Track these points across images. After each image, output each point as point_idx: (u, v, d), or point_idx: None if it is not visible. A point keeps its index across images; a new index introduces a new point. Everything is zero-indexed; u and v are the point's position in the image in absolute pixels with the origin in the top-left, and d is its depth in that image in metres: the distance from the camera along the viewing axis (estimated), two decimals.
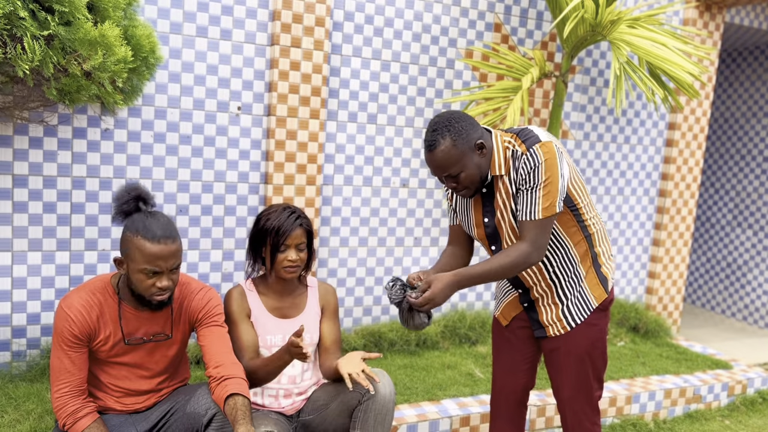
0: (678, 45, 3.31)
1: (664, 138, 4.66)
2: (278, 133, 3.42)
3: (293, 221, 2.34)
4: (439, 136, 2.00)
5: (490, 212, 2.16)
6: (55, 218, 3.07)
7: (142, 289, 2.05)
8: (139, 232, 2.01)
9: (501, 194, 2.10)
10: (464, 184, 2.06)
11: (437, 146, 2.00)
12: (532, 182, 2.01)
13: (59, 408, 2.03)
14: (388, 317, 3.94)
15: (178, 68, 3.23)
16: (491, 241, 2.20)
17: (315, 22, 3.40)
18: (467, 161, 2.02)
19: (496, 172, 2.08)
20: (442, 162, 2.01)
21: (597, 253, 2.20)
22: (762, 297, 5.55)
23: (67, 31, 2.25)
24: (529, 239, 2.02)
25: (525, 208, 2.03)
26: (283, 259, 2.34)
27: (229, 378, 2.09)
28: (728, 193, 5.88)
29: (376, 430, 2.26)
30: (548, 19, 4.11)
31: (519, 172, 2.03)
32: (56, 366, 2.05)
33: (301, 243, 2.36)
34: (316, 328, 2.49)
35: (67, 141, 3.05)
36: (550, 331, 2.24)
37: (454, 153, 2.00)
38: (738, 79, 5.80)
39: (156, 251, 1.99)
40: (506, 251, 2.03)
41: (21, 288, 3.05)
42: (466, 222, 2.26)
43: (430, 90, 3.86)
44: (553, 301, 2.21)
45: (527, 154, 2.01)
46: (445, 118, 2.03)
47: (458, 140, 2.00)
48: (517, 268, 2.02)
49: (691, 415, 3.70)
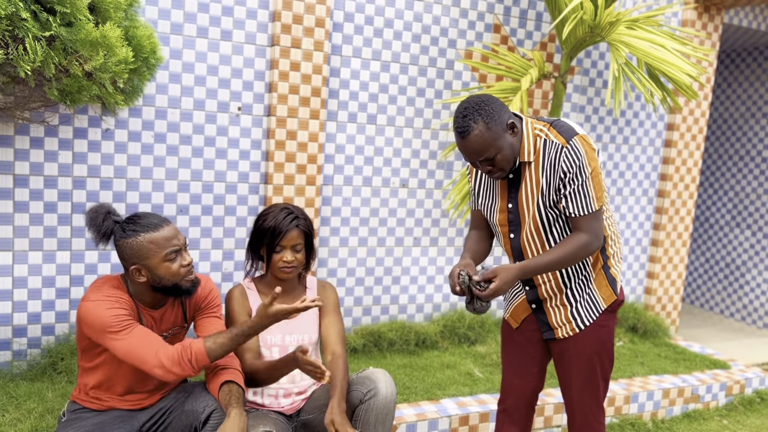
0: (676, 46, 3.32)
1: (663, 139, 4.68)
2: (278, 134, 3.43)
3: (289, 222, 2.34)
4: (471, 121, 1.96)
5: (515, 198, 2.14)
6: (56, 218, 3.08)
7: (173, 277, 2.08)
8: (140, 232, 2.04)
9: (528, 182, 2.09)
10: (500, 166, 2.03)
11: (471, 131, 1.97)
12: (581, 177, 2.01)
13: (170, 356, 1.97)
14: (388, 317, 3.95)
15: (179, 69, 3.25)
16: (511, 228, 2.18)
17: (315, 23, 3.41)
18: (502, 143, 2.00)
19: (524, 158, 2.07)
20: (477, 147, 1.98)
21: (609, 255, 2.21)
22: (760, 297, 5.56)
23: (69, 32, 2.26)
24: (587, 230, 2.05)
25: (579, 204, 2.04)
26: (278, 259, 2.35)
27: (225, 368, 2.15)
28: (727, 193, 5.89)
29: (377, 429, 2.27)
30: (547, 20, 4.12)
31: (561, 165, 2.02)
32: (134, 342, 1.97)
33: (297, 244, 2.36)
34: (315, 326, 2.49)
35: (68, 141, 3.06)
36: (559, 333, 2.24)
37: (489, 136, 1.97)
38: (737, 80, 5.82)
39: (166, 234, 2.06)
40: (567, 242, 2.05)
41: (22, 287, 3.06)
42: (488, 206, 2.24)
43: (429, 90, 3.88)
44: (561, 302, 2.21)
45: (568, 147, 2.01)
46: (474, 102, 1.99)
47: (491, 123, 1.97)
48: (578, 257, 2.05)
49: (690, 414, 3.72)
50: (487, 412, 3.14)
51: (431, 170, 3.95)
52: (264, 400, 2.43)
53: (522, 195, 2.12)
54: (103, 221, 2.07)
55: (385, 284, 3.92)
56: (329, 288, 2.56)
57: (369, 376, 2.31)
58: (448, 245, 4.07)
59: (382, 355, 3.68)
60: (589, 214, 2.05)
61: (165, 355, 1.97)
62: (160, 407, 2.22)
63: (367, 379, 2.30)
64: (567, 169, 2.02)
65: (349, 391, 2.32)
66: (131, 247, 2.05)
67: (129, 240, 2.05)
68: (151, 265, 2.06)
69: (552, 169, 2.04)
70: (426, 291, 4.05)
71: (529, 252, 2.18)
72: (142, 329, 2.01)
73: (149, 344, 1.99)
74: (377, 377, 2.29)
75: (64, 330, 3.16)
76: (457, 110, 2.02)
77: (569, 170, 2.01)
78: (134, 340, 1.98)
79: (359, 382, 2.32)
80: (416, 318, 4.05)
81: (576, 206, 2.05)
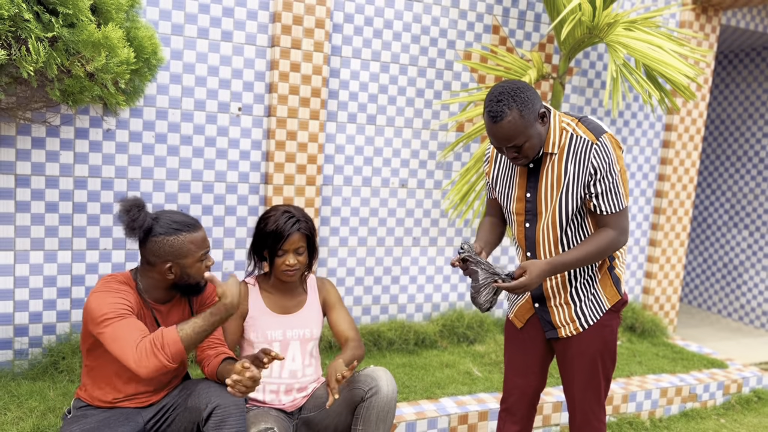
0: (674, 47, 3.34)
1: (661, 139, 4.70)
2: (278, 134, 3.45)
3: (291, 226, 2.36)
4: (505, 106, 1.95)
5: (534, 188, 2.14)
6: (57, 218, 3.10)
7: (200, 277, 2.14)
8: (182, 231, 2.09)
9: (550, 173, 2.10)
10: (526, 153, 2.03)
11: (504, 117, 1.95)
12: (612, 175, 2.04)
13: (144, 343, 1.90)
14: (387, 316, 3.97)
15: (180, 69, 3.26)
16: (528, 217, 2.18)
17: (315, 24, 3.43)
18: (532, 131, 1.99)
19: (549, 149, 2.08)
20: (508, 133, 1.97)
21: (615, 257, 2.22)
22: (758, 297, 5.59)
23: (71, 32, 2.28)
24: (615, 226, 2.08)
25: (611, 202, 2.07)
26: (281, 263, 2.38)
27: (226, 354, 2.24)
28: (724, 194, 5.92)
29: (378, 427, 2.29)
30: (546, 22, 4.14)
31: (591, 162, 2.03)
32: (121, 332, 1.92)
33: (299, 247, 2.38)
34: (317, 323, 2.52)
35: (70, 141, 3.08)
36: (562, 332, 2.24)
37: (521, 124, 1.96)
38: (734, 81, 5.84)
39: (202, 236, 2.13)
40: (595, 238, 2.07)
41: (23, 287, 3.07)
42: (505, 195, 2.24)
43: (429, 91, 3.90)
44: (565, 301, 2.21)
45: (598, 145, 2.03)
46: (509, 88, 1.97)
47: (525, 110, 1.96)
48: (605, 254, 2.09)
49: (687, 413, 3.74)
50: (486, 411, 3.16)
51: (430, 170, 3.97)
52: (265, 396, 2.44)
53: (542, 185, 2.12)
54: (138, 216, 2.06)
55: (384, 284, 3.94)
56: (328, 284, 2.60)
57: (370, 374, 2.32)
58: (447, 245, 4.09)
59: (382, 355, 3.70)
60: (618, 212, 2.09)
61: (140, 347, 1.90)
62: (163, 404, 2.23)
63: (369, 377, 2.32)
64: (597, 167, 2.03)
65: (351, 388, 2.34)
66: (171, 244, 2.07)
67: (170, 238, 2.07)
68: (186, 264, 2.10)
69: (581, 165, 2.05)
70: (425, 290, 4.07)
71: (542, 242, 2.17)
72: (133, 320, 1.97)
73: (133, 333, 1.92)
74: (378, 375, 2.31)
75: (65, 329, 3.18)
76: (491, 93, 1.99)
77: (600, 168, 2.03)
78: (120, 329, 1.93)
79: (361, 380, 2.33)
80: (415, 317, 4.06)
81: (607, 205, 2.08)
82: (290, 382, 2.46)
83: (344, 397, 2.35)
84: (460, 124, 3.97)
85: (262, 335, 2.43)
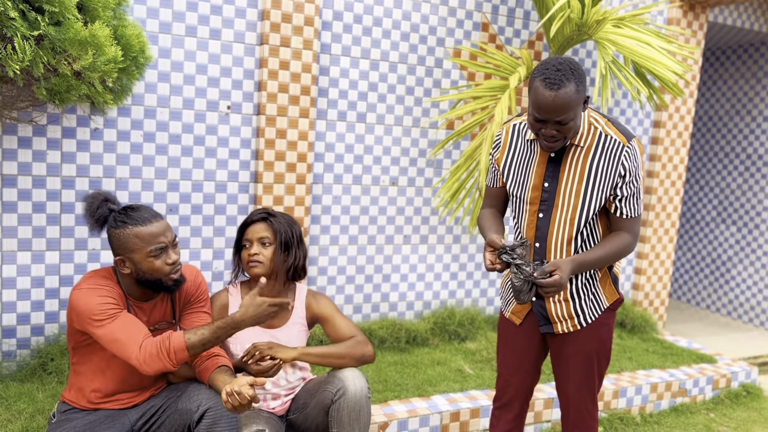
0: (662, 44, 3.36)
1: (650, 136, 4.72)
2: (268, 132, 3.44)
3: (256, 215, 2.35)
4: (565, 77, 1.88)
5: (553, 178, 2.11)
6: (45, 218, 3.07)
7: (156, 273, 2.08)
8: (128, 224, 2.05)
9: (574, 166, 2.08)
10: (565, 133, 1.97)
11: (562, 87, 1.88)
12: (638, 181, 2.08)
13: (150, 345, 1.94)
14: (378, 315, 3.97)
15: (168, 68, 3.24)
16: (542, 206, 2.15)
17: (304, 22, 3.42)
18: (578, 111, 1.95)
19: (576, 141, 2.07)
20: (561, 104, 1.89)
21: None
22: (746, 292, 5.63)
23: (57, 31, 2.25)
24: (631, 231, 2.12)
25: (632, 207, 2.10)
26: (245, 255, 2.33)
27: (220, 356, 2.20)
28: (712, 189, 5.96)
29: (352, 426, 2.25)
30: (535, 19, 4.15)
31: (622, 164, 2.03)
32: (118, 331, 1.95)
33: (263, 237, 2.33)
34: (300, 339, 2.45)
35: (57, 141, 3.05)
36: (558, 328, 2.23)
37: (575, 99, 1.90)
38: (721, 78, 5.88)
39: (154, 230, 2.06)
40: (615, 240, 2.10)
41: (11, 288, 3.04)
42: (519, 182, 2.18)
43: (418, 89, 3.89)
44: (565, 298, 2.20)
45: (629, 148, 2.04)
46: (569, 62, 1.92)
47: (581, 87, 1.92)
48: (622, 256, 2.13)
49: (677, 408, 3.76)
50: (478, 408, 3.16)
51: (421, 168, 3.97)
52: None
53: (564, 177, 2.10)
54: (98, 208, 2.09)
55: (375, 282, 3.93)
56: (320, 298, 2.51)
57: (337, 375, 2.29)
58: (438, 243, 4.09)
59: None
60: (636, 217, 2.12)
61: (145, 348, 1.95)
62: (151, 405, 2.22)
63: (335, 378, 2.28)
64: (628, 170, 2.05)
65: (321, 390, 2.31)
66: (118, 237, 2.06)
67: (117, 230, 2.06)
68: (135, 259, 2.06)
69: (611, 165, 2.05)
70: (416, 288, 4.07)
71: (555, 236, 2.14)
72: (129, 317, 2.01)
73: (134, 333, 1.97)
74: (345, 375, 2.27)
75: (53, 330, 3.15)
76: (548, 63, 1.93)
77: (629, 172, 2.05)
78: (119, 328, 1.97)
79: (328, 382, 2.30)
80: (407, 315, 4.06)
81: (629, 208, 2.10)
82: (275, 391, 2.44)
83: (316, 400, 2.33)
84: (450, 121, 3.97)
85: (241, 348, 2.37)
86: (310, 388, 2.42)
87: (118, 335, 1.96)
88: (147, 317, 2.19)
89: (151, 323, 2.21)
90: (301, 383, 2.52)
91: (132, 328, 1.98)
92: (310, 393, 2.39)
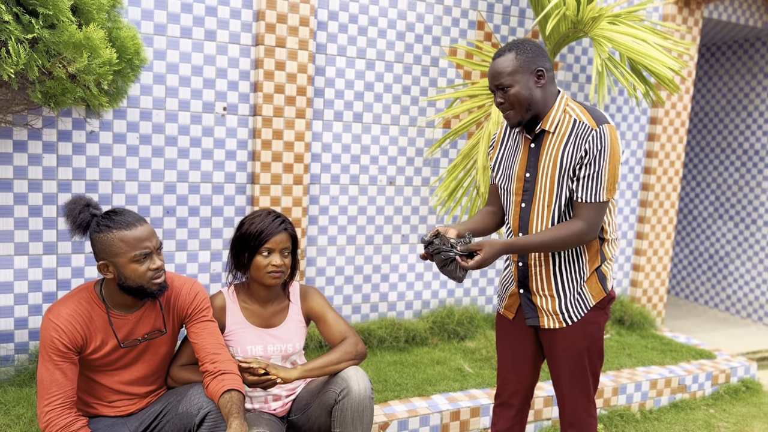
0: (658, 41, 3.36)
1: (646, 132, 4.73)
2: (264, 133, 3.43)
3: (278, 225, 2.30)
4: (507, 48, 2.10)
5: (533, 167, 2.17)
6: (41, 222, 3.06)
7: (139, 279, 2.05)
8: (112, 228, 2.02)
9: (549, 154, 2.12)
10: (510, 101, 2.09)
11: (500, 56, 2.10)
12: (598, 163, 2.05)
13: (50, 421, 1.96)
14: (377, 314, 3.96)
15: (163, 69, 3.23)
16: (524, 197, 2.20)
17: (299, 22, 3.41)
18: (520, 78, 2.08)
19: (547, 127, 2.12)
20: (498, 70, 2.09)
21: (607, 258, 2.23)
22: (744, 287, 5.64)
23: (52, 34, 2.24)
24: (585, 218, 2.09)
25: (588, 190, 2.08)
26: (267, 263, 2.27)
27: (226, 373, 2.12)
28: (709, 185, 5.96)
29: (355, 427, 2.24)
30: (530, 17, 4.15)
31: (585, 147, 2.05)
32: (46, 378, 1.99)
33: (285, 248, 2.31)
34: (299, 336, 2.44)
35: (52, 144, 3.04)
36: (544, 322, 2.24)
37: (512, 65, 2.07)
38: (717, 74, 5.89)
39: (138, 234, 2.03)
40: (562, 226, 2.09)
41: (8, 292, 3.03)
42: (506, 175, 2.25)
43: (414, 88, 3.89)
44: (550, 294, 2.22)
45: (596, 131, 2.05)
46: (521, 39, 2.13)
47: (520, 56, 2.07)
48: (569, 243, 2.09)
49: (677, 404, 3.77)
50: (478, 407, 3.16)
51: (418, 167, 3.97)
52: (254, 405, 2.41)
53: (541, 165, 2.14)
54: (80, 213, 2.06)
55: (374, 282, 3.93)
56: (312, 292, 2.49)
57: (341, 375, 2.27)
58: None
59: (372, 353, 3.69)
60: (593, 203, 2.08)
61: (49, 411, 1.97)
62: (151, 411, 2.21)
63: (339, 378, 2.27)
64: (588, 151, 2.05)
65: (325, 391, 2.30)
66: (102, 242, 2.03)
67: (101, 235, 2.03)
68: (119, 264, 2.03)
69: (576, 149, 2.07)
70: (415, 288, 4.06)
71: (535, 223, 2.18)
72: (58, 375, 2.00)
73: (50, 391, 1.98)
74: (349, 376, 2.26)
75: None
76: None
77: (589, 152, 2.05)
78: (47, 376, 2.00)
79: (332, 382, 2.29)
80: (405, 315, 4.06)
81: (585, 191, 2.08)
82: (276, 392, 2.42)
83: (319, 400, 2.32)
84: (446, 120, 3.97)
85: (242, 350, 2.35)
86: (312, 388, 2.42)
87: (40, 383, 2.00)
88: (134, 328, 2.16)
89: (139, 334, 2.17)
90: (302, 384, 2.51)
91: (55, 386, 1.99)
92: (313, 393, 2.39)
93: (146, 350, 2.21)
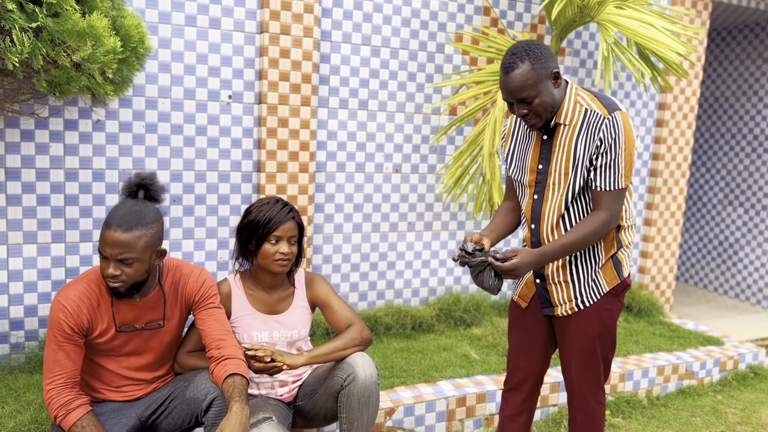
0: (666, 25, 3.32)
1: (654, 118, 4.69)
2: (270, 121, 3.43)
3: (286, 213, 2.31)
4: (518, 59, 2.00)
5: (546, 159, 2.16)
6: (49, 210, 3.08)
7: (102, 271, 2.07)
8: (106, 220, 2.05)
9: (562, 145, 2.11)
10: (536, 111, 2.05)
11: (515, 68, 2.00)
12: (614, 151, 2.04)
13: (51, 399, 2.02)
14: (384, 302, 3.97)
15: (168, 58, 3.23)
16: (537, 188, 2.20)
17: (304, 9, 3.40)
18: (543, 87, 2.02)
19: (561, 119, 2.10)
20: (518, 84, 2.00)
21: (624, 245, 2.22)
22: (753, 274, 5.61)
23: (56, 22, 2.25)
24: (607, 208, 2.08)
25: (606, 179, 2.06)
26: (275, 251, 2.29)
27: (230, 358, 2.14)
28: (719, 171, 5.91)
29: (361, 412, 2.26)
30: (537, 2, 4.11)
31: (599, 136, 2.04)
32: (50, 358, 2.04)
33: (293, 236, 2.33)
34: (305, 323, 2.46)
35: (59, 133, 3.05)
36: (559, 311, 2.24)
37: (532, 76, 2.00)
38: (727, 58, 5.82)
39: (105, 235, 2.03)
40: (585, 223, 2.08)
41: (17, 281, 3.06)
42: (520, 167, 2.25)
43: (420, 75, 3.87)
44: (564, 280, 2.22)
45: (609, 119, 2.03)
46: (524, 43, 2.04)
47: (536, 64, 2.00)
48: (596, 236, 2.08)
49: (684, 391, 3.76)
50: (484, 393, 3.17)
51: (424, 155, 3.96)
52: (261, 391, 2.43)
53: (554, 157, 2.13)
54: (127, 187, 2.16)
55: (380, 269, 3.93)
56: (317, 278, 2.51)
57: (347, 361, 2.29)
58: (443, 229, 4.09)
59: (379, 340, 3.70)
60: (613, 191, 2.07)
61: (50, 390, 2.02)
62: (158, 396, 2.23)
63: (346, 364, 2.29)
64: (603, 140, 2.04)
65: (331, 376, 2.32)
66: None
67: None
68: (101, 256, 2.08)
69: (590, 139, 2.06)
70: (421, 275, 4.07)
71: (547, 216, 2.17)
72: (61, 356, 2.04)
73: (53, 370, 2.04)
74: (355, 361, 2.27)
75: None
76: (508, 50, 2.06)
77: (604, 141, 2.03)
78: (51, 356, 2.04)
79: (338, 368, 2.30)
80: (412, 302, 4.07)
81: (603, 180, 2.07)
82: (283, 378, 2.44)
83: (326, 386, 2.34)
84: (452, 107, 3.95)
85: (247, 336, 2.37)
86: (319, 374, 2.43)
87: (46, 362, 2.05)
88: (137, 315, 2.18)
89: (142, 322, 2.20)
90: (309, 370, 2.52)
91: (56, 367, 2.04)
92: (319, 379, 2.41)
93: (153, 337, 2.23)
